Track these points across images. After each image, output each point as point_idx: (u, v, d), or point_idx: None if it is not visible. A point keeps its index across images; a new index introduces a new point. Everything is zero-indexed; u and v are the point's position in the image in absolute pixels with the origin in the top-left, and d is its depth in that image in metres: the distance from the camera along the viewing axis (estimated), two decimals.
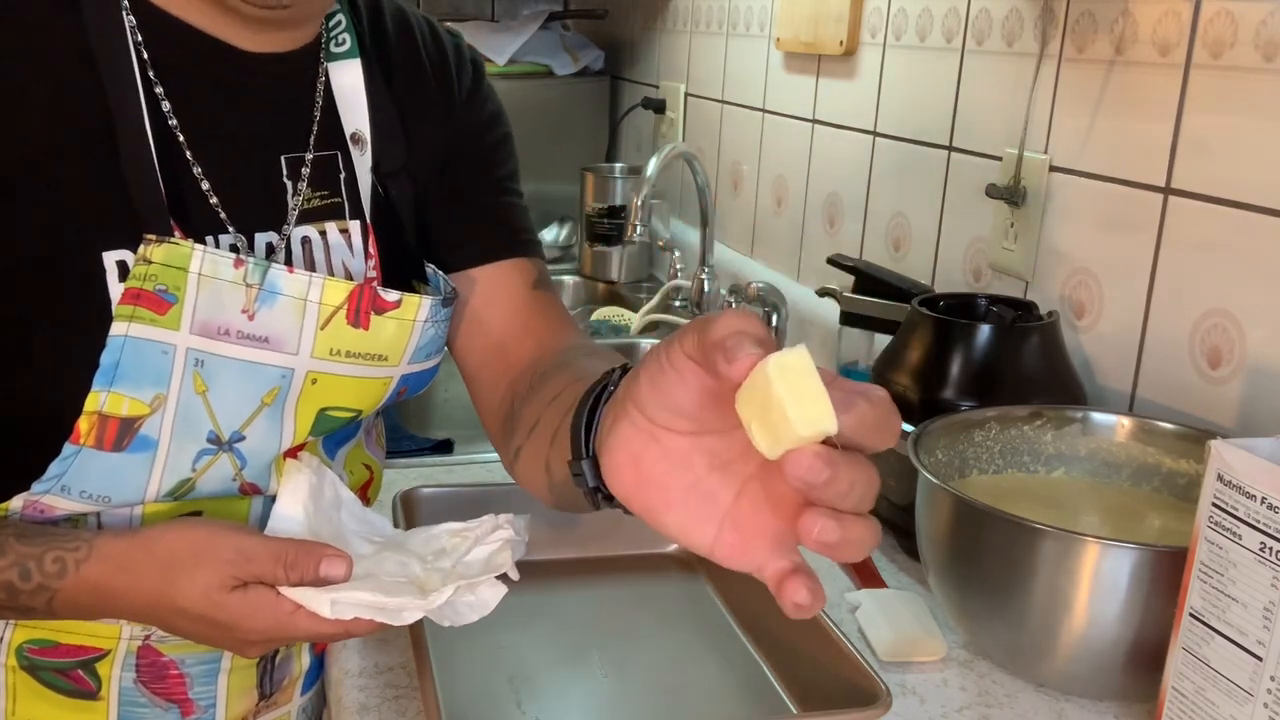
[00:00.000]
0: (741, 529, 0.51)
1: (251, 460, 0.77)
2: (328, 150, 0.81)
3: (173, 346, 0.71)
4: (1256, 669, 0.69)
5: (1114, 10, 1.12)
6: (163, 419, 0.72)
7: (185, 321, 0.71)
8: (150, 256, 0.70)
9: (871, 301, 1.35)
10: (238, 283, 0.73)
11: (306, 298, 0.75)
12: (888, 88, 1.54)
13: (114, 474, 0.73)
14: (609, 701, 0.87)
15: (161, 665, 0.81)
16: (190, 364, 0.72)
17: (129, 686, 0.81)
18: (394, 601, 0.69)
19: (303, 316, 0.75)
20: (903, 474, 1.07)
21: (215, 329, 0.72)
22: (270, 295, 0.74)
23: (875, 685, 0.77)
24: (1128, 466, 1.00)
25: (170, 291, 0.71)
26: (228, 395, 0.74)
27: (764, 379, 0.44)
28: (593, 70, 2.55)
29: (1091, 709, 0.86)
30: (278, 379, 0.75)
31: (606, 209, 2.19)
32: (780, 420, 0.44)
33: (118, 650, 0.80)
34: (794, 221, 1.81)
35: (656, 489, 0.51)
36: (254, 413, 0.75)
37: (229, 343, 0.73)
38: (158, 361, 0.71)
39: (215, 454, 0.75)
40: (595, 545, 1.06)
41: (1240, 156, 0.99)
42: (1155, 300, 1.09)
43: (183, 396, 0.72)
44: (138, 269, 0.70)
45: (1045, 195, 1.23)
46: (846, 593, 1.02)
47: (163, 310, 0.71)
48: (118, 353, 0.70)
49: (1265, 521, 0.68)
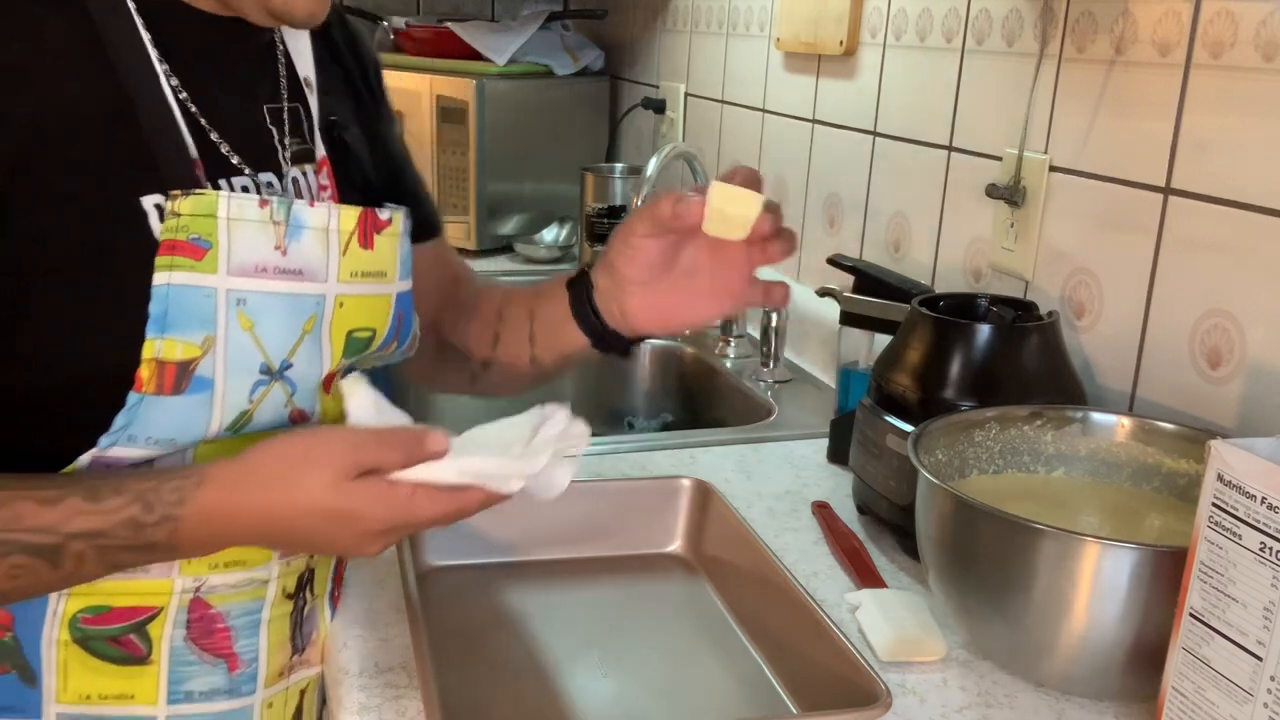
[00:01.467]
0: (726, 292, 0.93)
1: (300, 386, 0.82)
2: (294, 101, 0.88)
3: (214, 289, 0.75)
4: (1256, 669, 0.69)
5: (1114, 10, 1.12)
6: (215, 358, 0.76)
7: (222, 264, 0.75)
8: (178, 209, 0.74)
9: (871, 301, 1.35)
10: (265, 222, 0.77)
11: (328, 227, 0.81)
12: (888, 88, 1.54)
13: (177, 416, 0.76)
14: (609, 701, 0.87)
15: (210, 619, 0.83)
16: (233, 304, 0.76)
17: (179, 645, 0.83)
18: (503, 468, 0.75)
19: (327, 246, 0.81)
20: (903, 474, 1.07)
21: (252, 268, 0.77)
22: (297, 229, 0.79)
23: (875, 685, 0.77)
24: (1128, 466, 1.00)
25: (204, 239, 0.75)
26: (273, 328, 0.79)
27: (711, 207, 0.84)
28: (593, 70, 2.55)
29: (1091, 709, 0.86)
30: (313, 306, 0.81)
31: (606, 209, 2.19)
32: (736, 215, 0.84)
33: (169, 607, 0.81)
34: (794, 221, 1.81)
35: (668, 309, 0.94)
36: (297, 341, 0.80)
37: (267, 279, 0.78)
38: (202, 305, 0.75)
39: (268, 384, 0.79)
40: (595, 545, 1.06)
41: (1240, 156, 0.99)
42: (1155, 300, 1.09)
43: (231, 334, 0.76)
44: (169, 222, 0.74)
45: (1045, 195, 1.23)
46: (846, 593, 1.02)
47: (199, 256, 0.75)
48: (164, 301, 0.74)
49: (1265, 521, 0.68)
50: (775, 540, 1.11)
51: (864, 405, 1.16)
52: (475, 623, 0.96)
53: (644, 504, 1.07)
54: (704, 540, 1.06)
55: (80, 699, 0.81)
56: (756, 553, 0.96)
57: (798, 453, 1.36)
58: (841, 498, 1.22)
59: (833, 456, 1.33)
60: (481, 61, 2.37)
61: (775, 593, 0.92)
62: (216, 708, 0.85)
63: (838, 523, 1.14)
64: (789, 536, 1.14)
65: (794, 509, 1.20)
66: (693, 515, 1.08)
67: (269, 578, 0.85)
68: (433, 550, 1.04)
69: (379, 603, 0.98)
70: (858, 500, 1.19)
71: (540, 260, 2.36)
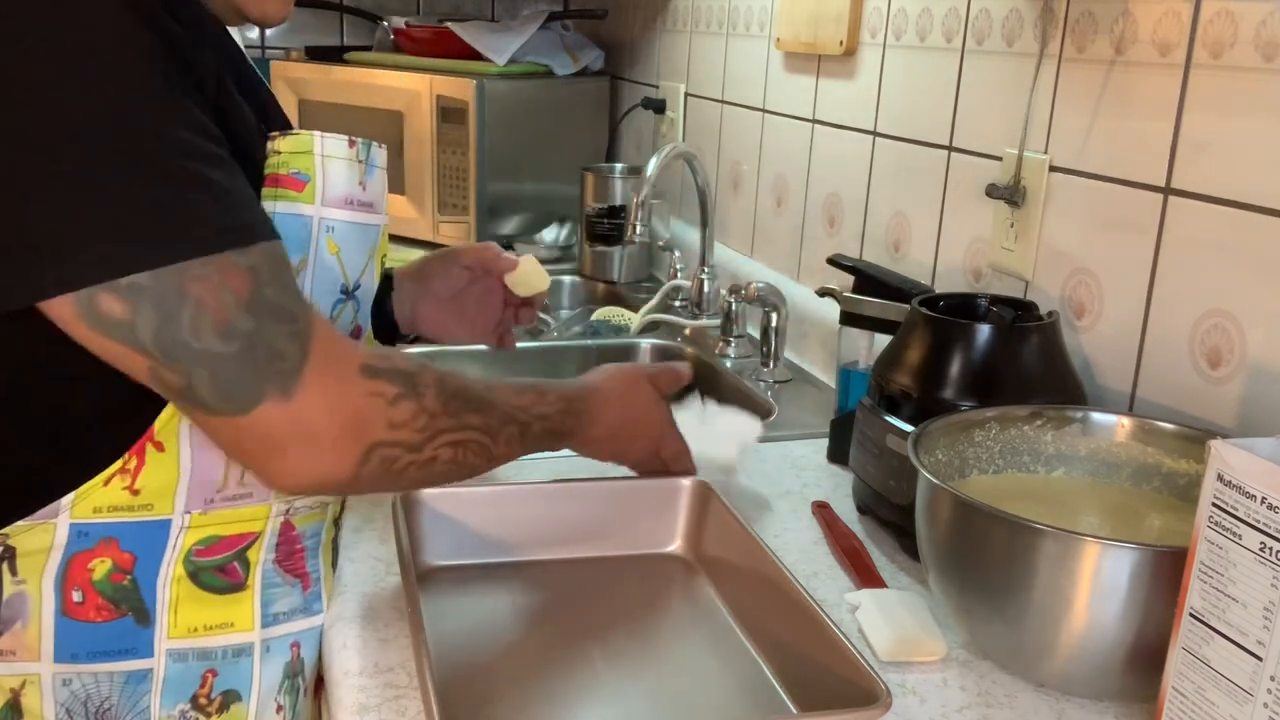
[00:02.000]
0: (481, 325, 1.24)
1: (363, 305, 0.93)
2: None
3: (310, 217, 0.86)
4: (1256, 669, 0.69)
5: (1114, 10, 1.12)
6: (307, 277, 0.86)
7: (318, 196, 0.86)
8: (279, 148, 0.84)
9: (871, 301, 1.35)
10: (353, 160, 0.88)
11: (384, 166, 0.92)
12: (888, 88, 1.54)
13: None
14: (609, 701, 0.87)
15: (292, 540, 0.91)
16: (324, 230, 0.87)
17: (269, 569, 0.90)
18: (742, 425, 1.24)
19: (384, 184, 0.93)
20: (903, 474, 1.07)
21: (341, 200, 0.88)
22: (371, 168, 0.90)
23: (875, 685, 0.77)
24: (1128, 466, 1.00)
25: (303, 172, 0.85)
26: (352, 253, 0.90)
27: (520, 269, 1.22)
28: (593, 70, 2.55)
29: (1091, 709, 0.86)
30: (376, 235, 0.92)
31: (606, 209, 2.19)
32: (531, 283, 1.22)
33: (265, 531, 0.89)
34: (794, 221, 1.81)
35: (444, 322, 1.21)
36: (364, 265, 0.92)
37: (351, 210, 0.89)
38: (300, 230, 0.85)
39: (345, 302, 0.90)
40: (595, 545, 1.06)
41: (1240, 156, 0.99)
42: (1155, 300, 1.09)
43: (320, 257, 0.87)
44: (271, 160, 0.84)
45: (1045, 195, 1.23)
46: (846, 593, 1.02)
47: (300, 188, 0.85)
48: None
49: (1265, 521, 0.68)
50: (775, 540, 1.11)
51: (864, 405, 1.16)
52: (475, 623, 0.96)
53: (644, 504, 1.07)
54: (704, 540, 1.06)
55: (188, 632, 0.86)
56: (757, 553, 0.96)
57: (798, 453, 1.36)
58: (841, 498, 1.22)
59: (833, 456, 1.33)
60: (481, 61, 2.37)
61: (775, 593, 0.92)
62: (296, 627, 0.93)
63: (838, 523, 1.14)
64: (789, 536, 1.13)
65: (794, 509, 1.20)
66: (693, 515, 1.08)
67: (329, 500, 0.95)
68: (432, 550, 1.04)
69: (379, 603, 0.98)
70: (858, 500, 1.19)
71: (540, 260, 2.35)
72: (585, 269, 2.27)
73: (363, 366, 0.80)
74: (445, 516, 1.04)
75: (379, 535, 1.09)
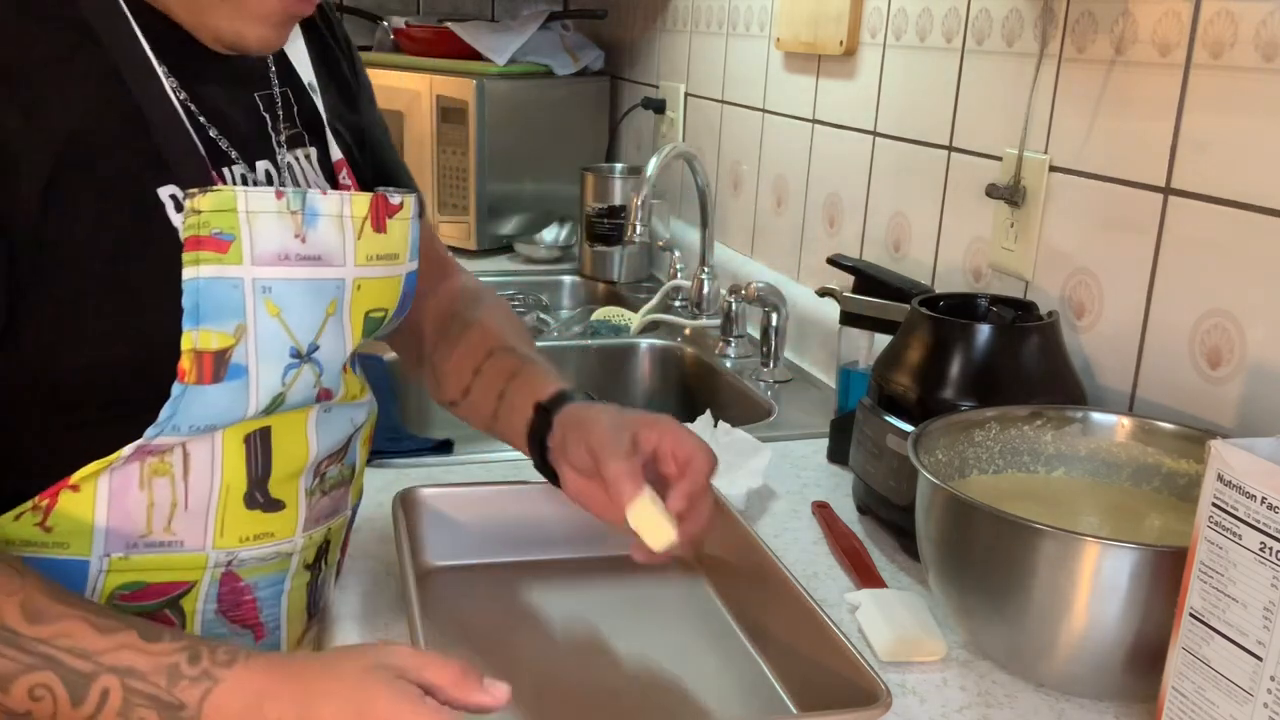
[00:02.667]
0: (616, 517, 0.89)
1: (327, 367, 0.85)
2: (282, 86, 0.91)
3: (241, 279, 0.79)
4: (1256, 669, 0.69)
5: (1114, 10, 1.12)
6: (247, 345, 0.79)
7: (246, 255, 0.79)
8: (199, 207, 0.77)
9: (871, 301, 1.35)
10: (283, 212, 0.80)
11: (341, 214, 0.84)
12: (888, 88, 1.54)
13: (218, 403, 0.79)
14: (609, 701, 0.87)
15: (239, 590, 0.86)
16: (259, 292, 0.80)
17: (210, 618, 0.85)
18: None
19: (342, 232, 0.84)
20: (903, 474, 1.07)
21: (275, 256, 0.80)
22: (312, 217, 0.82)
23: (875, 685, 0.77)
24: (1128, 466, 1.00)
25: (226, 232, 0.78)
26: (298, 313, 0.82)
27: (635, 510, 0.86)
28: (593, 70, 2.55)
29: (1091, 709, 0.86)
30: (334, 290, 0.84)
31: (606, 209, 2.19)
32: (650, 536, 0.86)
33: (202, 581, 0.84)
34: (794, 221, 1.81)
35: (585, 494, 0.92)
36: (322, 324, 0.84)
37: (289, 266, 0.81)
38: (231, 295, 0.78)
39: (299, 366, 0.83)
40: (595, 545, 1.06)
41: (1240, 156, 0.99)
42: (1155, 300, 1.09)
43: (260, 321, 0.80)
44: (190, 220, 0.77)
45: (1045, 195, 1.23)
46: (846, 593, 1.02)
47: (224, 249, 0.78)
48: (195, 295, 0.77)
49: (1265, 521, 0.68)
50: (775, 540, 1.11)
51: (864, 405, 1.16)
52: (475, 622, 0.96)
53: None
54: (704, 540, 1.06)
55: None
56: (756, 552, 0.96)
57: (798, 453, 1.36)
58: (841, 498, 1.22)
59: (833, 456, 1.33)
60: (481, 61, 2.37)
61: (775, 593, 0.92)
62: None
63: (838, 523, 1.14)
64: (789, 536, 1.14)
65: (794, 509, 1.20)
66: None
67: (294, 550, 0.88)
68: (433, 550, 1.04)
69: (379, 603, 0.98)
70: (858, 500, 1.19)
71: (540, 260, 2.36)
72: (585, 269, 2.27)
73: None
74: (445, 515, 1.04)
75: (379, 535, 1.09)
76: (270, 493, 0.84)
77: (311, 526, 0.89)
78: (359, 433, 0.93)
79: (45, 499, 0.77)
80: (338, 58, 0.99)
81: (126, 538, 0.80)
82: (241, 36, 0.80)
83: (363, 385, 0.94)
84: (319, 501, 0.89)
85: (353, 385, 0.91)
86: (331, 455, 0.89)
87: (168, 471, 0.80)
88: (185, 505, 0.81)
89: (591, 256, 2.25)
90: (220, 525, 0.82)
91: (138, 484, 0.79)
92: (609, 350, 1.90)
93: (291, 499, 0.86)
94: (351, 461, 0.93)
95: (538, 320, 2.05)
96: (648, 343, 1.90)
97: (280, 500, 0.85)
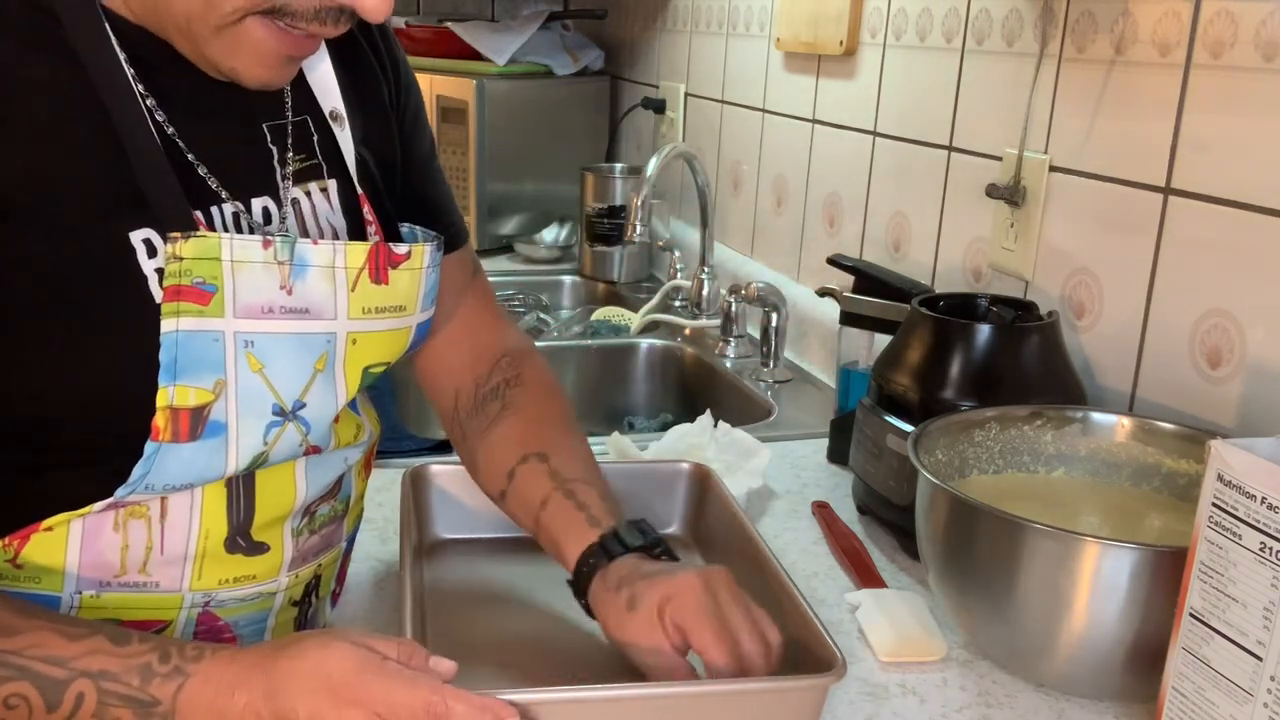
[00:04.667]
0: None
1: (314, 425, 0.81)
2: (300, 115, 0.84)
3: (222, 333, 0.75)
4: (1256, 669, 0.69)
5: (1114, 10, 1.12)
6: (227, 402, 0.75)
7: (228, 307, 0.74)
8: (180, 253, 0.72)
9: (871, 301, 1.35)
10: (270, 262, 0.76)
11: (333, 265, 0.79)
12: (888, 88, 1.54)
13: (194, 462, 0.75)
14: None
15: (217, 630, 0.83)
16: (241, 346, 0.75)
17: None
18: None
19: (334, 283, 0.79)
20: (903, 474, 1.07)
21: (258, 309, 0.76)
22: (301, 268, 0.77)
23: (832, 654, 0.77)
24: (1128, 466, 1.00)
25: (208, 282, 0.73)
26: (283, 368, 0.77)
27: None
28: (593, 70, 2.55)
29: (1091, 709, 0.86)
30: (324, 345, 0.79)
31: (606, 209, 2.19)
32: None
33: (178, 619, 0.81)
34: (794, 221, 1.81)
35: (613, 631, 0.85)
36: (309, 380, 0.79)
37: (274, 319, 0.76)
38: (211, 349, 0.74)
39: (283, 425, 0.79)
40: None
41: (1240, 156, 0.99)
42: (1155, 300, 1.09)
43: (241, 377, 0.76)
44: (171, 267, 0.72)
45: (1045, 195, 1.23)
46: (847, 593, 1.02)
47: (205, 301, 0.74)
48: (174, 348, 0.73)
49: (1265, 521, 0.68)
50: (775, 540, 1.11)
51: (864, 405, 1.16)
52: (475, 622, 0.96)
53: (645, 487, 1.09)
54: (702, 522, 1.08)
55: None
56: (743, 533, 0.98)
57: (798, 453, 1.36)
58: (841, 498, 1.22)
59: (833, 456, 1.33)
60: (481, 61, 2.37)
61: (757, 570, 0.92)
62: None
63: (838, 523, 1.15)
64: (789, 536, 1.14)
65: (794, 509, 1.20)
66: (691, 498, 1.10)
67: (277, 589, 0.84)
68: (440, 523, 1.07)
69: (379, 603, 0.98)
70: (858, 500, 1.19)
71: (540, 260, 2.36)
72: (585, 269, 2.27)
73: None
74: (452, 493, 1.07)
75: (379, 536, 1.09)
76: (253, 537, 0.81)
77: (299, 566, 0.85)
78: (355, 464, 0.89)
79: (15, 540, 0.74)
80: (378, 84, 0.90)
81: (99, 578, 0.77)
82: (238, 75, 0.74)
83: (360, 424, 0.89)
84: (307, 540, 0.85)
85: (346, 433, 0.86)
86: (323, 496, 0.85)
87: (144, 515, 0.76)
88: (161, 550, 0.77)
89: (591, 256, 2.25)
90: (199, 569, 0.79)
91: (111, 527, 0.76)
92: (609, 350, 1.90)
93: (276, 542, 0.82)
94: (346, 494, 0.89)
95: (538, 320, 2.05)
96: (648, 343, 1.90)
97: (264, 543, 0.81)
